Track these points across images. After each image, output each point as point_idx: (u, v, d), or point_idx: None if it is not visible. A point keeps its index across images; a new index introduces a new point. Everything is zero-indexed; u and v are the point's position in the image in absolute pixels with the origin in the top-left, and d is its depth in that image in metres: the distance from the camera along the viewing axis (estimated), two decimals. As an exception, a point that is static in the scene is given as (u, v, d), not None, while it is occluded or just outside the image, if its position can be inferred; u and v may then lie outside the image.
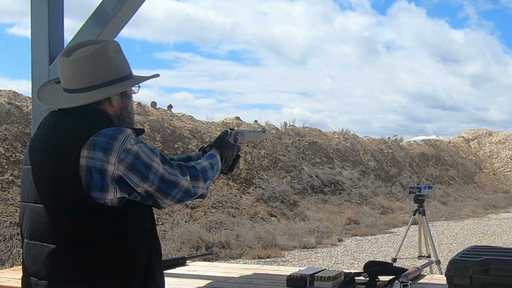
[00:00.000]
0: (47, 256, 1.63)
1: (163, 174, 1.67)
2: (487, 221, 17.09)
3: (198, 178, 1.77)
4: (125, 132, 1.63)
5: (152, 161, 1.65)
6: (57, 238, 1.62)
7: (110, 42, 1.77)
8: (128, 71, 1.78)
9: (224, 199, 12.95)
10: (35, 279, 1.67)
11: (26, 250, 1.71)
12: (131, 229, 1.66)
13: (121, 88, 1.74)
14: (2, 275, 2.96)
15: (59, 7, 3.18)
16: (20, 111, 11.37)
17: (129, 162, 1.60)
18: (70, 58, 1.71)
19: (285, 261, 9.60)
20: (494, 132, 33.13)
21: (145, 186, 1.64)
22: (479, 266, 2.00)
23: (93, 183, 1.58)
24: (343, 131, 22.41)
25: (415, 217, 6.40)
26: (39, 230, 1.66)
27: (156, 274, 1.75)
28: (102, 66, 1.71)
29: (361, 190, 17.87)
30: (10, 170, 10.03)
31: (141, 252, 1.69)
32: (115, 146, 1.59)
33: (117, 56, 1.76)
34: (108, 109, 1.74)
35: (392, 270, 2.56)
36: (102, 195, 1.59)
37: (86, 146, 1.59)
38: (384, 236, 13.04)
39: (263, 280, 2.75)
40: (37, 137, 1.76)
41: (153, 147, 1.72)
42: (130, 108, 1.83)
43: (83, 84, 1.70)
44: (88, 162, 1.58)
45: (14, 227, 8.59)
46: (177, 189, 1.70)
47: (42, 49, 3.14)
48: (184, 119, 16.00)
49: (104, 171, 1.58)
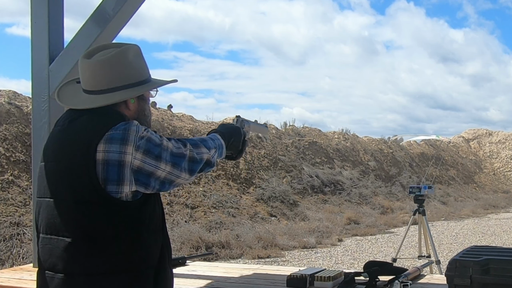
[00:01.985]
0: (63, 249, 1.67)
1: (172, 148, 1.72)
2: (487, 221, 17.09)
3: (199, 145, 1.83)
4: (134, 123, 1.69)
5: (161, 141, 1.71)
6: (73, 232, 1.66)
7: (131, 46, 1.81)
8: (146, 75, 1.83)
9: (224, 199, 12.95)
10: (51, 273, 1.70)
11: (42, 245, 1.74)
12: (145, 225, 1.70)
13: (138, 92, 1.79)
14: (2, 275, 2.97)
15: (59, 7, 3.19)
16: (20, 111, 11.37)
17: (144, 148, 1.66)
18: (91, 60, 1.76)
19: (285, 261, 9.60)
20: (494, 132, 33.13)
21: (162, 166, 1.68)
22: (479, 266, 2.00)
23: (110, 176, 1.63)
24: (343, 131, 22.41)
25: (415, 217, 6.40)
26: (56, 225, 1.69)
27: (167, 271, 1.80)
28: (122, 70, 1.76)
29: (361, 190, 17.86)
30: (10, 170, 10.03)
31: (154, 248, 1.73)
32: (131, 135, 1.65)
33: (136, 60, 1.80)
34: (124, 111, 1.78)
35: (392, 270, 2.56)
36: (118, 189, 1.63)
37: (103, 141, 1.64)
38: (384, 236, 13.04)
39: (263, 280, 2.75)
40: (53, 134, 1.81)
41: None
42: (148, 112, 1.88)
43: (101, 86, 1.75)
44: (105, 156, 1.63)
45: (14, 227, 8.59)
46: (184, 160, 1.74)
47: (42, 49, 3.14)
48: (184, 119, 16.00)
49: (122, 161, 1.63)
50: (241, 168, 14.84)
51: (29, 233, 8.42)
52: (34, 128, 3.19)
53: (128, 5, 2.96)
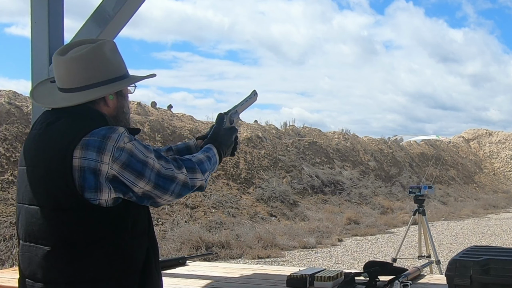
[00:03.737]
0: (43, 258, 1.62)
1: (159, 169, 1.64)
2: (487, 221, 17.09)
3: (195, 169, 1.74)
4: (117, 130, 1.60)
5: (147, 158, 1.62)
6: (52, 239, 1.61)
7: (106, 41, 1.75)
8: (124, 70, 1.76)
9: (224, 199, 12.95)
10: (31, 281, 1.66)
11: (22, 252, 1.69)
12: (128, 230, 1.64)
13: (116, 87, 1.72)
14: (2, 275, 2.97)
15: (59, 7, 3.18)
16: (20, 111, 11.38)
17: (123, 161, 1.58)
18: (65, 57, 1.69)
19: (285, 261, 9.60)
20: (494, 132, 33.12)
21: (142, 184, 1.61)
22: (479, 266, 2.00)
23: (87, 184, 1.56)
24: (343, 131, 22.41)
25: (415, 217, 6.40)
26: (34, 232, 1.64)
27: (154, 275, 1.73)
28: (98, 66, 1.68)
29: (361, 190, 17.86)
30: (10, 170, 10.04)
31: (138, 252, 1.67)
32: (109, 145, 1.57)
33: (113, 55, 1.73)
34: (103, 109, 1.71)
35: (392, 270, 2.56)
36: (96, 196, 1.57)
37: (79, 146, 1.57)
38: (384, 236, 13.04)
39: (263, 280, 2.75)
40: (30, 137, 1.74)
41: (146, 143, 1.70)
42: (126, 108, 1.80)
43: (78, 84, 1.67)
44: (81, 163, 1.56)
45: (14, 227, 8.59)
46: (174, 184, 1.67)
47: (42, 49, 3.14)
48: (184, 119, 16.00)
49: (98, 171, 1.56)
50: (241, 168, 14.84)
51: (29, 233, 8.42)
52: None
53: (128, 5, 2.96)
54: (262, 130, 17.86)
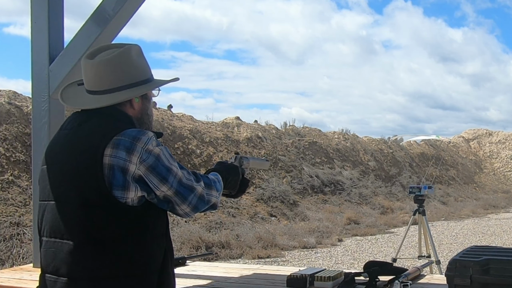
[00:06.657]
0: (68, 253, 1.66)
1: (181, 178, 1.72)
2: (487, 221, 17.09)
3: (211, 186, 1.84)
4: (147, 134, 1.68)
5: (171, 165, 1.70)
6: (78, 235, 1.65)
7: (133, 45, 1.81)
8: (149, 74, 1.83)
9: (224, 199, 12.94)
10: (54, 277, 1.69)
11: (45, 248, 1.74)
12: (150, 230, 1.70)
13: (142, 90, 1.79)
14: (2, 275, 2.97)
15: (59, 7, 3.19)
16: (20, 111, 11.37)
17: (150, 163, 1.65)
18: (94, 60, 1.76)
19: (285, 261, 9.60)
20: (494, 132, 33.13)
21: (164, 188, 1.68)
22: (479, 266, 2.00)
23: (116, 181, 1.63)
24: (343, 131, 22.41)
25: (415, 217, 6.40)
26: (60, 228, 1.68)
27: (170, 275, 1.80)
28: (125, 69, 1.76)
29: (361, 190, 17.87)
30: (10, 170, 10.03)
31: (158, 253, 1.73)
32: (138, 146, 1.64)
33: (139, 59, 1.80)
34: (129, 111, 1.79)
35: (392, 270, 2.56)
36: (123, 194, 1.63)
37: (110, 145, 1.64)
38: (384, 236, 13.04)
39: (263, 280, 2.75)
40: (60, 136, 1.80)
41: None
42: (150, 111, 1.87)
43: (106, 86, 1.74)
44: (112, 161, 1.63)
45: (14, 227, 8.59)
46: (193, 194, 1.75)
47: (42, 49, 3.14)
48: (184, 119, 15.99)
49: (126, 169, 1.63)
50: (241, 168, 14.83)
51: (29, 233, 8.42)
52: (34, 128, 3.19)
53: (128, 5, 2.96)
54: (262, 130, 17.86)
